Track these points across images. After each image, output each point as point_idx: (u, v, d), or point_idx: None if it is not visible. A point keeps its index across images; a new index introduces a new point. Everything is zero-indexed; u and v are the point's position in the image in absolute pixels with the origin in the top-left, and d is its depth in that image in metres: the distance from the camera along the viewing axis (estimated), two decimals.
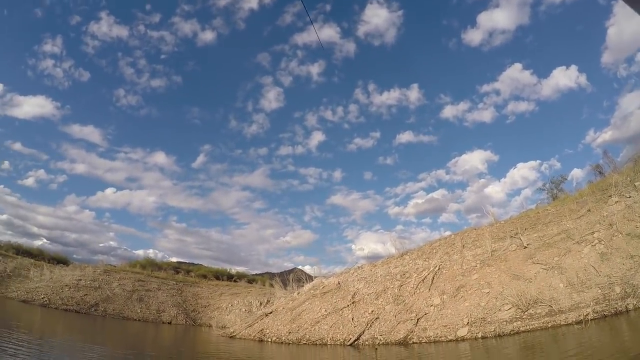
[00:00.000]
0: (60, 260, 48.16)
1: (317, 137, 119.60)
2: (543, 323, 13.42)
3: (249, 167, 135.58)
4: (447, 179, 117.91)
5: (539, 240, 17.56)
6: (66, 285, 37.13)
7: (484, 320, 15.34)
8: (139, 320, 37.38)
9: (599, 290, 13.47)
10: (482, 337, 14.64)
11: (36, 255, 48.60)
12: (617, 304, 13.20)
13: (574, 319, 12.55)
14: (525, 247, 17.43)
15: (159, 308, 40.41)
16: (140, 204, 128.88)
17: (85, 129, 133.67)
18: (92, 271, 41.64)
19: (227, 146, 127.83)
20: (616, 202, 16.97)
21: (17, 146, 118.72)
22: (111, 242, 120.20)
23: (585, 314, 12.19)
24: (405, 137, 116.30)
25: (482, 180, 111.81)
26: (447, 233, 24.53)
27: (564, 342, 11.01)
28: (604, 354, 8.39)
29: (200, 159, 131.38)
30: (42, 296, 34.74)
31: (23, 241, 55.82)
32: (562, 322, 12.82)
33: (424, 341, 16.27)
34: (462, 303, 16.89)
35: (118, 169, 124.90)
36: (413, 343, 16.49)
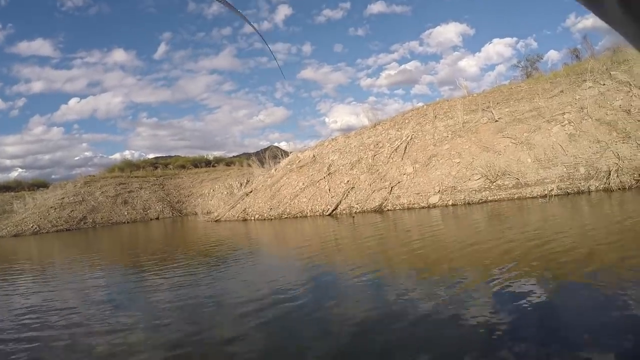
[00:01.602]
0: (39, 185, 46.76)
1: (283, 11, 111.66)
2: (510, 194, 14.63)
3: (213, 49, 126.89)
4: (420, 51, 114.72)
5: (510, 115, 18.18)
6: (51, 207, 36.78)
7: (455, 189, 16.56)
8: (128, 222, 38.21)
9: (564, 169, 14.54)
10: (453, 205, 15.99)
11: (15, 187, 46.93)
12: (580, 183, 14.30)
13: (538, 193, 13.68)
14: (496, 121, 18.12)
15: (145, 206, 41.17)
16: (107, 107, 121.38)
17: (33, 44, 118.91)
18: (73, 186, 41.05)
19: (188, 31, 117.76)
20: (590, 87, 17.31)
21: None
22: (86, 153, 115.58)
23: (549, 189, 13.27)
24: (377, 7, 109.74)
25: (456, 53, 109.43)
26: (420, 104, 24.79)
27: (528, 213, 12.01)
28: (564, 227, 9.29)
29: (162, 48, 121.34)
30: (31, 225, 34.52)
31: None
32: (528, 195, 13.99)
33: (397, 208, 17.62)
34: (434, 172, 17.97)
35: (77, 76, 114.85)
36: (388, 210, 17.83)
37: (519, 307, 4.54)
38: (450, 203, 16.08)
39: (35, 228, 34.18)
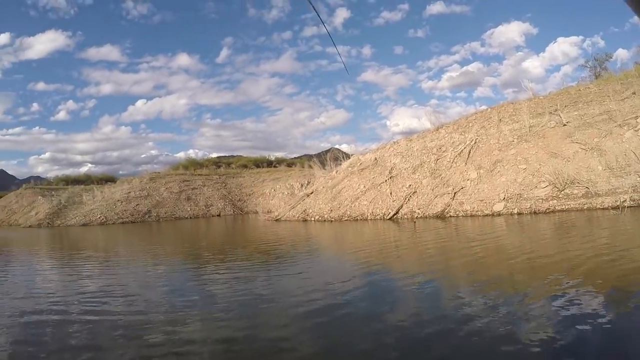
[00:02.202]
0: (107, 180, 50.79)
1: (342, 14, 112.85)
2: (579, 204, 14.08)
3: (274, 53, 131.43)
4: (482, 52, 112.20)
5: (579, 119, 17.47)
6: (118, 200, 39.86)
7: (520, 197, 16.17)
8: (190, 217, 40.47)
9: (638, 178, 13.78)
10: (518, 213, 15.60)
11: (84, 180, 51.33)
12: None
13: (610, 204, 13.04)
14: (565, 125, 17.47)
15: (207, 203, 43.37)
16: (172, 108, 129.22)
17: (102, 50, 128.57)
18: (139, 182, 44.16)
19: (249, 35, 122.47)
20: None
21: (41, 86, 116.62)
22: (152, 151, 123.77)
23: (622, 200, 12.69)
24: (436, 7, 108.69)
25: (519, 53, 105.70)
26: (484, 107, 24.26)
27: (598, 225, 11.50)
28: (638, 242, 8.97)
29: (224, 52, 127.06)
30: (99, 215, 37.69)
31: (70, 171, 58.90)
32: (598, 206, 13.39)
33: (460, 215, 17.45)
34: (499, 178, 17.63)
35: (143, 80, 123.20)
36: (450, 216, 17.70)
37: (580, 328, 4.40)
38: (515, 212, 15.73)
39: (102, 219, 37.03)
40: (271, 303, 6.93)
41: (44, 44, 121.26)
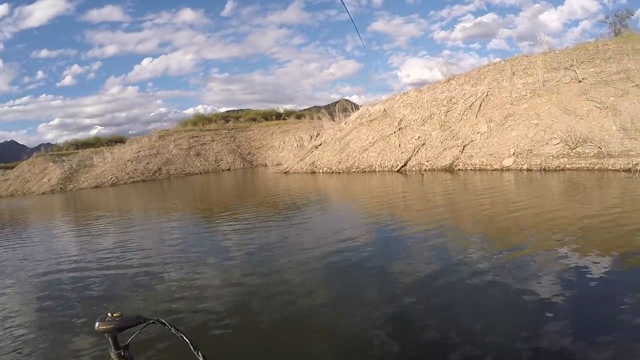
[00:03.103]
0: (117, 141, 50.66)
1: None
2: (590, 164, 14.09)
3: (281, 3, 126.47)
4: (497, 2, 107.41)
5: (596, 76, 17.15)
6: (128, 160, 40.10)
7: (530, 153, 16.20)
8: (200, 173, 40.97)
9: None
10: (527, 169, 15.67)
11: (94, 143, 51.24)
12: None
13: (622, 166, 12.99)
14: (580, 82, 17.20)
15: (216, 158, 43.74)
16: (179, 64, 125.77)
17: (103, 11, 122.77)
18: (148, 140, 44.30)
19: None
20: None
21: (44, 53, 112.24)
22: (160, 109, 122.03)
23: (634, 162, 12.68)
24: None
25: (536, 5, 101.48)
26: (497, 60, 23.75)
27: (607, 187, 11.52)
28: None
29: (229, 5, 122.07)
30: (110, 177, 38.06)
31: (80, 135, 58.36)
32: (610, 167, 13.36)
33: (469, 168, 17.59)
34: (509, 132, 17.60)
35: (148, 38, 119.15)
36: (458, 170, 17.86)
37: (573, 284, 4.67)
38: (524, 167, 15.81)
39: (114, 180, 37.59)
40: (282, 250, 7.29)
41: (43, 10, 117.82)
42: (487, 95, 20.05)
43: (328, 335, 4.08)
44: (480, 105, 19.79)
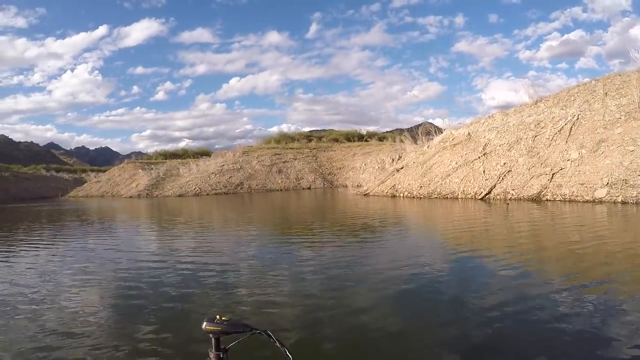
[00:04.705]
0: (203, 154, 54.92)
1: None
2: None
3: (364, 26, 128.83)
4: (584, 18, 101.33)
5: None
6: (212, 173, 42.97)
7: (626, 183, 15.25)
8: (281, 190, 42.47)
9: None
10: (622, 202, 14.78)
11: (182, 155, 55.94)
12: None
13: None
14: None
15: (297, 176, 45.29)
16: (265, 84, 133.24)
17: (194, 33, 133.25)
18: (232, 155, 47.06)
19: (337, 9, 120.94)
20: None
21: (139, 70, 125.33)
22: (246, 126, 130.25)
23: None
24: None
25: (626, 19, 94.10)
26: (587, 80, 22.47)
27: None
28: None
29: (313, 28, 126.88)
30: (194, 187, 41.02)
31: (169, 147, 64.34)
32: None
33: (558, 199, 16.87)
34: (603, 160, 16.65)
35: (236, 58, 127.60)
36: (546, 200, 17.18)
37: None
38: (619, 200, 14.91)
39: (197, 190, 40.24)
40: (356, 274, 7.22)
41: (139, 31, 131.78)
42: (577, 119, 19.12)
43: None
44: (571, 129, 18.92)
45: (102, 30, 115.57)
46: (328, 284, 6.58)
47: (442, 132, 26.47)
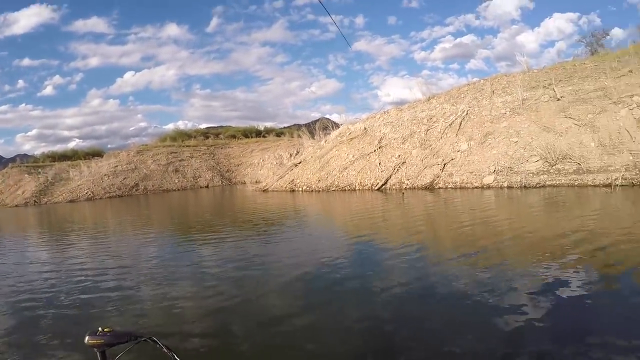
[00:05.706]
0: (95, 154, 49.90)
1: None
2: (570, 180, 14.00)
3: (266, 22, 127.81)
4: (476, 24, 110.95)
5: (574, 94, 17.21)
6: (105, 175, 39.12)
7: (511, 170, 16.10)
8: (178, 190, 40.12)
9: (631, 157, 13.63)
10: (508, 187, 15.57)
11: (72, 156, 50.32)
12: None
13: (601, 181, 12.95)
14: (559, 100, 17.25)
15: (195, 175, 42.98)
16: (161, 79, 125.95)
17: (89, 22, 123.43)
18: (126, 155, 43.43)
19: (240, 4, 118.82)
20: None
21: (26, 61, 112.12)
22: (140, 124, 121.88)
23: (613, 178, 12.57)
24: None
25: (514, 27, 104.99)
26: (476, 79, 23.89)
27: (587, 202, 11.47)
28: (627, 221, 8.69)
29: (214, 22, 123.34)
30: (85, 191, 36.88)
31: (57, 147, 57.61)
32: (589, 183, 13.29)
33: (449, 187, 17.37)
34: (490, 151, 17.49)
35: (131, 51, 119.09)
36: (439, 188, 17.61)
37: (553, 301, 4.51)
38: (505, 185, 15.67)
39: (89, 194, 36.49)
40: (260, 270, 6.97)
41: (28, 18, 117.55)
42: (467, 114, 19.99)
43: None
44: (461, 123, 19.71)
45: None
46: (232, 278, 6.47)
47: (339, 127, 26.52)
